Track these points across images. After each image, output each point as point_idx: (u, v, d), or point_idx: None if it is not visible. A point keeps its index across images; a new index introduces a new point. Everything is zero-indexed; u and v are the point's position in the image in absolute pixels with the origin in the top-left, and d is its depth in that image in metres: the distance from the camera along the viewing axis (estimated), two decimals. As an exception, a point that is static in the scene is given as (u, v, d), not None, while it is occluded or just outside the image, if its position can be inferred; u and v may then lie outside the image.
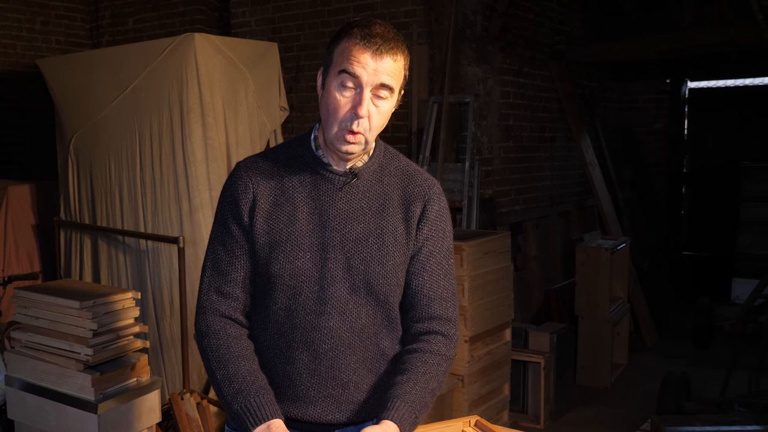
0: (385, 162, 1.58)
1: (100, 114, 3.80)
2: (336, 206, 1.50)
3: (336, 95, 1.42)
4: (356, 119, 1.41)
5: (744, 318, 4.33)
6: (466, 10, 4.92)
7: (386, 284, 1.50)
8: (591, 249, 4.91)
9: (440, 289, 1.56)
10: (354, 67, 1.39)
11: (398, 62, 1.43)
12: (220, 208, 1.56)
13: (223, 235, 1.53)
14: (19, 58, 6.34)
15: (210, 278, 1.53)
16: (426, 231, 1.55)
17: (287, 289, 1.49)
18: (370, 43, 1.39)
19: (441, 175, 4.81)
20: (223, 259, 1.52)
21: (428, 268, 1.55)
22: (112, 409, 2.71)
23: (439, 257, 1.56)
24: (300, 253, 1.48)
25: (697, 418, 3.32)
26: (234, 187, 1.53)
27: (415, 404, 1.42)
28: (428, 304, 1.54)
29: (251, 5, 5.91)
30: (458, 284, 3.58)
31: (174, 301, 3.56)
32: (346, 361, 1.50)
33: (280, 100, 4.06)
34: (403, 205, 1.54)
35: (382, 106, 1.44)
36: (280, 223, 1.49)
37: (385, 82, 1.41)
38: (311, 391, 1.50)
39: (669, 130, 7.34)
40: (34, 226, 4.72)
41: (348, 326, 1.49)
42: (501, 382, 3.94)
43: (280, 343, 1.51)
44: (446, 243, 1.58)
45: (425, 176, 1.60)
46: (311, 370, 1.49)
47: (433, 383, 1.48)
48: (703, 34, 5.41)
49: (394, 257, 1.51)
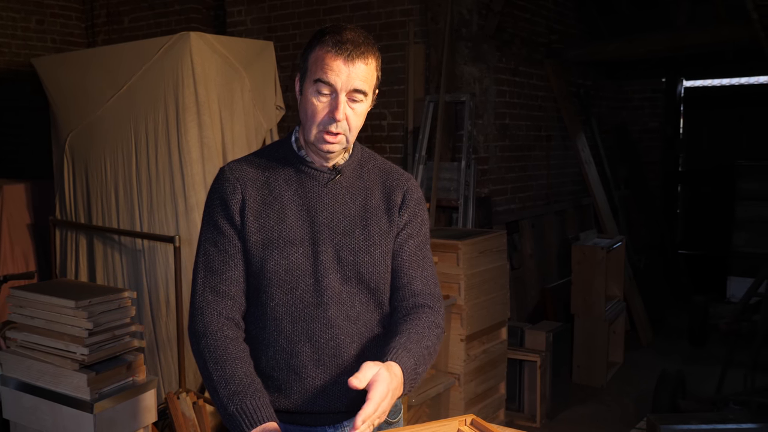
0: (363, 160, 1.66)
1: (95, 113, 3.79)
2: (322, 201, 1.57)
3: (313, 101, 1.49)
4: (334, 122, 1.48)
5: (739, 316, 4.35)
6: (462, 9, 4.92)
7: (375, 272, 1.57)
8: (587, 248, 4.92)
9: (420, 269, 1.63)
10: (328, 76, 1.46)
11: (369, 65, 1.50)
12: (209, 210, 1.58)
13: (215, 236, 1.55)
14: (13, 57, 6.32)
15: (204, 279, 1.54)
16: (406, 216, 1.63)
17: (283, 284, 1.52)
18: (341, 50, 1.46)
19: (437, 174, 4.81)
20: (216, 258, 1.54)
21: (407, 249, 1.62)
22: (107, 409, 2.71)
23: (417, 239, 1.64)
24: (293, 249, 1.53)
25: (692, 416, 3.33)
26: (221, 189, 1.57)
27: (413, 353, 1.46)
28: (410, 282, 1.61)
29: (247, 4, 5.91)
30: (454, 283, 3.59)
31: (170, 300, 3.56)
32: (347, 349, 1.55)
33: (276, 99, 4.06)
34: (384, 196, 1.63)
35: (358, 108, 1.51)
36: (270, 220, 1.54)
37: (358, 87, 1.48)
38: (318, 381, 1.54)
39: (664, 128, 7.36)
40: (30, 226, 4.71)
41: (345, 315, 1.55)
42: (497, 380, 3.95)
43: (281, 338, 1.53)
44: (424, 229, 1.67)
45: (401, 171, 1.70)
46: (315, 360, 1.53)
47: (426, 341, 1.52)
48: (698, 33, 5.42)
49: (380, 245, 1.58)
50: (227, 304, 1.53)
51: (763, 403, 3.62)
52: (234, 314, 1.54)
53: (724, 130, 7.63)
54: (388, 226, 1.60)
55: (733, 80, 7.66)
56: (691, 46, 5.55)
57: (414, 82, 5.04)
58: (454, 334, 3.62)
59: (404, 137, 5.10)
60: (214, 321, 1.50)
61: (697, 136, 7.77)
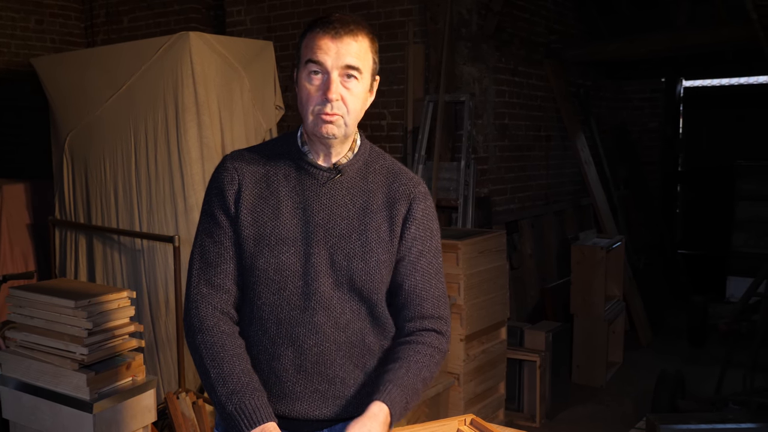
0: (370, 160, 1.59)
1: (94, 113, 3.79)
2: (319, 201, 1.51)
3: (306, 85, 1.45)
4: (327, 103, 1.43)
5: (738, 316, 4.35)
6: (462, 9, 4.92)
7: (369, 280, 1.50)
8: (586, 247, 4.92)
9: (432, 288, 1.57)
10: (317, 55, 1.43)
11: (360, 43, 1.45)
12: (207, 200, 1.55)
13: (211, 227, 1.52)
14: (13, 56, 6.32)
15: (199, 271, 1.51)
16: (414, 230, 1.55)
17: (271, 283, 1.48)
18: (328, 29, 1.43)
19: (436, 174, 4.81)
20: (212, 250, 1.51)
21: (419, 268, 1.55)
22: (107, 409, 2.70)
23: (429, 257, 1.57)
24: (284, 248, 1.48)
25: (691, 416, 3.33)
26: (220, 178, 1.53)
27: (407, 389, 1.43)
28: (420, 304, 1.55)
29: (246, 4, 5.91)
30: (454, 283, 3.59)
31: (169, 300, 3.56)
32: (331, 357, 1.49)
33: (275, 99, 4.06)
34: (388, 203, 1.55)
35: (354, 88, 1.45)
36: (264, 216, 1.49)
37: (350, 63, 1.43)
38: (297, 387, 1.50)
39: (664, 128, 7.36)
40: (29, 226, 4.71)
41: (333, 322, 1.49)
42: (497, 380, 3.95)
43: (264, 339, 1.50)
44: (434, 242, 1.59)
45: (410, 175, 1.60)
46: (297, 365, 1.49)
47: (425, 372, 1.49)
48: (698, 33, 5.42)
49: (377, 254, 1.51)
50: (222, 297, 1.50)
51: (762, 403, 3.62)
52: (229, 308, 1.51)
53: (724, 130, 7.63)
54: (388, 235, 1.53)
55: (732, 80, 7.66)
56: (690, 46, 5.55)
57: (413, 82, 5.04)
58: (453, 334, 3.62)
59: (404, 137, 5.09)
60: (210, 315, 1.47)
61: (697, 136, 7.77)
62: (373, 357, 1.55)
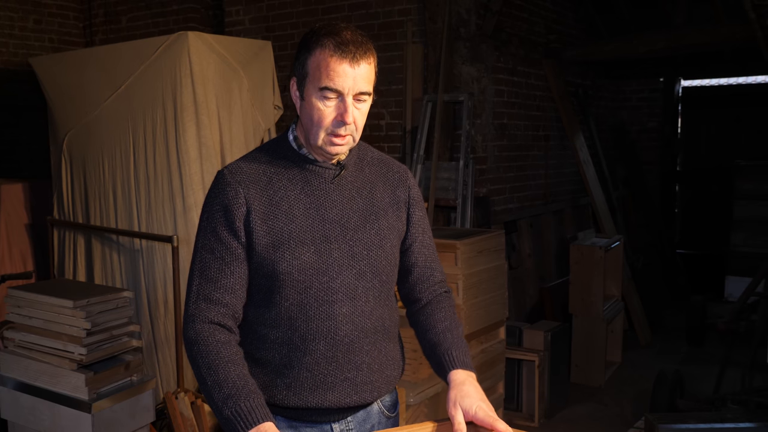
0: (361, 153, 1.67)
1: (93, 113, 3.79)
2: (330, 198, 1.57)
3: (319, 106, 1.48)
4: (343, 125, 1.49)
5: (737, 315, 4.36)
6: (461, 9, 4.92)
7: (388, 265, 1.62)
8: (585, 247, 4.92)
9: (436, 257, 1.78)
10: (335, 83, 1.45)
11: (371, 65, 1.51)
12: (208, 216, 1.56)
13: (212, 243, 1.53)
14: (11, 56, 6.31)
15: (198, 287, 1.53)
16: (418, 212, 1.72)
17: (297, 284, 1.52)
18: (345, 53, 1.45)
19: (435, 173, 4.82)
20: (212, 266, 1.53)
21: (426, 244, 1.74)
22: (106, 409, 2.70)
23: (429, 232, 1.76)
24: (305, 248, 1.52)
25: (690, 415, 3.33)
26: (223, 194, 1.54)
27: (462, 347, 1.61)
28: (432, 274, 1.75)
29: (245, 4, 5.90)
30: (452, 283, 3.59)
31: (168, 300, 3.56)
32: (360, 344, 1.57)
33: (274, 99, 4.06)
34: (389, 190, 1.67)
35: (363, 108, 1.53)
36: (279, 222, 1.52)
37: (364, 89, 1.49)
38: (329, 378, 1.56)
39: (662, 128, 7.37)
40: (27, 226, 4.70)
41: (359, 311, 1.57)
42: (495, 380, 3.95)
43: (295, 337, 1.54)
44: (427, 219, 1.79)
45: (397, 163, 1.75)
46: (329, 357, 1.55)
47: (460, 327, 1.70)
48: (696, 32, 5.42)
49: (390, 239, 1.63)
50: (219, 310, 1.52)
51: (761, 403, 3.62)
52: (226, 320, 1.53)
53: (722, 129, 7.64)
54: (396, 221, 1.65)
55: (731, 80, 7.67)
56: (689, 45, 5.55)
57: (412, 81, 5.04)
58: (452, 333, 3.62)
59: (402, 137, 5.10)
60: (206, 328, 1.50)
61: (695, 135, 7.77)
62: (390, 340, 1.66)
